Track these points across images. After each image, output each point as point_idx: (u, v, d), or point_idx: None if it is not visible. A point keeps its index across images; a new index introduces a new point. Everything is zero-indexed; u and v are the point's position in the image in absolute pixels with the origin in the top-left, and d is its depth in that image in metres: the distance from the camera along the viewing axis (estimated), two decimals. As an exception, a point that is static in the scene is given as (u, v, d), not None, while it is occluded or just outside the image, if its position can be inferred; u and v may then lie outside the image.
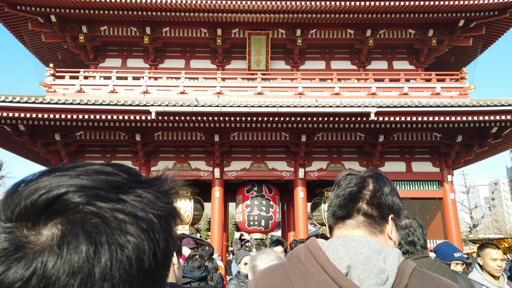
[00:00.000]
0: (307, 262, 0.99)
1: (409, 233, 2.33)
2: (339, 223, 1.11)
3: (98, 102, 11.88)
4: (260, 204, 15.05)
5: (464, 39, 15.32)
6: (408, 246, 2.30)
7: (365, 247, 0.98)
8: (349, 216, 1.09)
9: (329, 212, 1.14)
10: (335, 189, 1.14)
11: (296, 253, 1.06)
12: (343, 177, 1.16)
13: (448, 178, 14.53)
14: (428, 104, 11.93)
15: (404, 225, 2.38)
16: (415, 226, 2.37)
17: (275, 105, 11.91)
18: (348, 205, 1.09)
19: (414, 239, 2.32)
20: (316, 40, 15.75)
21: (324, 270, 0.95)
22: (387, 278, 0.94)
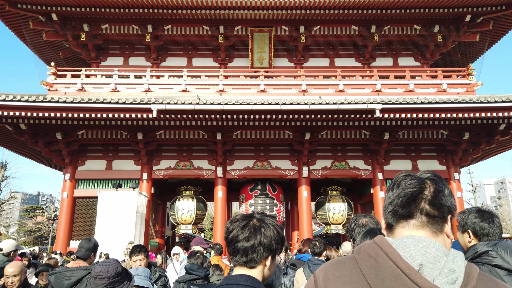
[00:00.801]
0: (378, 258, 1.06)
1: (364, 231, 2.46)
2: (402, 222, 1.17)
3: (100, 100, 11.74)
4: (264, 203, 14.87)
5: (471, 35, 15.04)
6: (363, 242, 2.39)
7: (433, 248, 1.06)
8: (412, 215, 1.15)
9: (390, 211, 1.19)
10: (395, 189, 1.20)
11: (365, 248, 1.12)
12: (402, 178, 1.21)
13: (455, 176, 14.26)
14: (434, 101, 11.68)
15: (361, 223, 2.55)
16: (370, 225, 2.52)
17: (278, 102, 11.71)
18: (410, 205, 1.15)
19: (371, 236, 2.33)
20: (320, 37, 15.52)
21: (397, 266, 1.02)
22: (457, 278, 1.02)
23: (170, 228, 17.83)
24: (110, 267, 2.45)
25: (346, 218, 14.75)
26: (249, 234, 1.48)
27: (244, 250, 1.48)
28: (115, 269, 2.46)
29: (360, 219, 2.63)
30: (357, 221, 2.63)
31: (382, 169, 14.38)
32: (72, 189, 13.98)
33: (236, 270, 1.50)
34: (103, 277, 2.41)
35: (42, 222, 41.68)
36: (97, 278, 2.40)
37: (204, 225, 40.36)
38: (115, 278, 2.43)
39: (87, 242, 3.93)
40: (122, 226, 11.96)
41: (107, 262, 2.53)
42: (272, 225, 1.53)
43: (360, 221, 2.61)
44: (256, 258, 1.48)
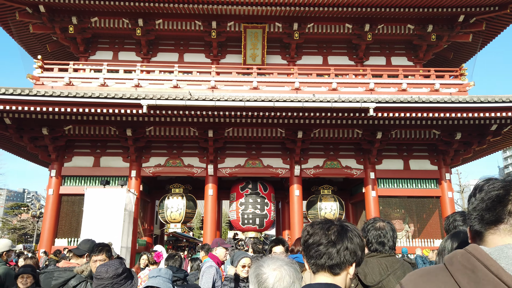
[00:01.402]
0: (476, 270, 0.99)
1: (380, 234, 2.59)
2: (492, 229, 1.09)
3: (87, 94, 11.40)
4: (254, 202, 14.68)
5: (464, 35, 15.06)
6: (378, 245, 2.56)
7: None
8: (501, 220, 1.08)
9: (475, 217, 1.13)
10: (477, 194, 1.14)
11: (458, 258, 1.05)
12: (484, 182, 1.16)
13: (446, 176, 14.27)
14: (428, 100, 11.62)
15: (378, 226, 2.64)
16: (387, 229, 2.61)
17: (271, 100, 11.52)
18: (497, 208, 1.09)
19: (384, 240, 2.57)
20: (314, 35, 15.38)
21: (501, 280, 0.94)
22: None
23: (159, 226, 17.54)
24: (110, 267, 2.44)
25: (337, 217, 14.60)
26: (336, 238, 1.41)
27: (330, 254, 1.40)
28: (115, 270, 2.45)
29: (378, 222, 2.70)
30: (374, 224, 2.69)
31: (374, 168, 14.31)
32: (58, 186, 13.60)
33: (318, 277, 1.41)
34: (102, 277, 2.40)
35: (27, 220, 40.86)
36: (97, 278, 2.40)
37: (193, 224, 40.02)
38: (114, 279, 2.41)
39: (86, 242, 3.95)
40: (109, 224, 11.64)
41: (109, 262, 2.52)
42: (356, 232, 1.48)
43: (377, 224, 2.70)
44: (341, 263, 1.41)
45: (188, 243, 30.25)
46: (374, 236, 2.64)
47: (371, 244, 2.64)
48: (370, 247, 2.67)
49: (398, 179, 14.39)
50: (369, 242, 2.66)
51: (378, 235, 2.63)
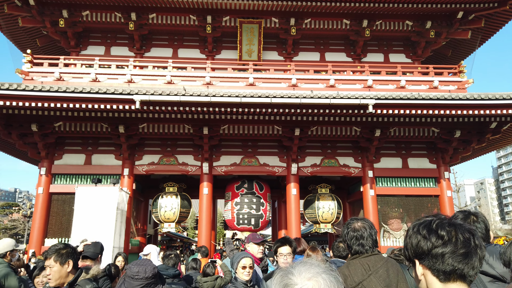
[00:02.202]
0: None
1: (357, 236, 2.53)
2: None
3: (78, 90, 11.01)
4: (250, 202, 14.38)
5: (463, 32, 14.86)
6: (357, 247, 2.52)
7: None
8: None
9: None
10: None
11: None
12: None
13: (445, 175, 14.07)
14: (428, 97, 11.38)
15: (354, 228, 2.57)
16: (363, 230, 2.56)
17: (268, 96, 11.21)
18: None
19: (362, 241, 2.53)
20: (311, 30, 15.09)
21: None
22: None
23: (152, 226, 17.17)
24: (147, 267, 2.40)
25: (335, 216, 14.39)
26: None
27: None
28: (152, 270, 2.42)
29: (354, 224, 2.63)
30: (350, 225, 2.63)
31: (372, 167, 14.06)
32: (48, 184, 13.18)
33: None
34: (141, 277, 2.36)
35: (18, 220, 40.23)
36: (134, 278, 2.35)
37: (187, 224, 39.59)
38: (152, 279, 2.39)
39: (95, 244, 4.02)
40: (101, 224, 11.26)
41: (144, 262, 2.46)
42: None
43: (353, 225, 2.62)
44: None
45: (182, 243, 29.87)
46: (352, 238, 2.60)
47: (350, 247, 2.60)
48: (350, 250, 2.62)
49: (396, 177, 14.16)
50: (349, 246, 2.61)
51: (355, 237, 2.58)
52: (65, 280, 2.78)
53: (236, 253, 3.37)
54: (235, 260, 3.23)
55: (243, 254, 3.31)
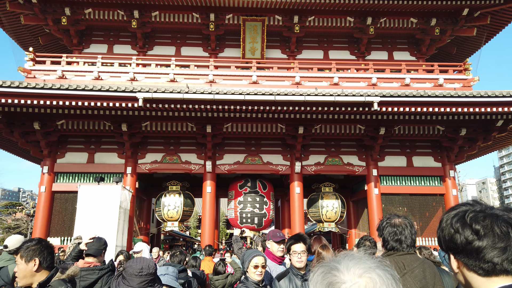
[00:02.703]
0: None
1: (397, 231, 2.46)
2: None
3: (81, 87, 10.93)
4: (253, 200, 14.28)
5: (468, 29, 14.72)
6: (394, 243, 2.44)
7: None
8: None
9: None
10: None
11: None
12: None
13: (450, 173, 13.93)
14: (434, 94, 11.25)
15: (394, 223, 2.50)
16: (404, 226, 2.48)
17: (272, 93, 11.11)
18: None
19: (401, 237, 2.45)
20: (314, 28, 14.98)
21: None
22: None
23: (155, 225, 17.09)
24: (150, 263, 2.35)
25: (339, 215, 14.28)
26: None
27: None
28: (154, 265, 2.38)
29: (394, 219, 2.52)
30: (390, 221, 2.52)
31: (376, 165, 13.94)
32: (50, 183, 13.12)
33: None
34: (145, 273, 2.30)
35: (21, 219, 40.25)
36: (138, 275, 2.28)
37: (190, 223, 39.51)
38: (155, 275, 2.36)
39: (98, 240, 3.98)
40: (104, 223, 11.19)
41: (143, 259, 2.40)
42: None
43: (393, 220, 2.52)
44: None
45: (185, 242, 29.82)
46: (390, 233, 2.49)
47: (387, 242, 2.49)
48: (386, 245, 2.50)
49: (401, 176, 14.03)
50: (385, 241, 2.50)
51: (394, 233, 2.48)
52: (32, 280, 2.48)
53: (247, 250, 3.22)
54: (246, 259, 3.04)
55: (255, 252, 3.11)
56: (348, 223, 15.96)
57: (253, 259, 3.05)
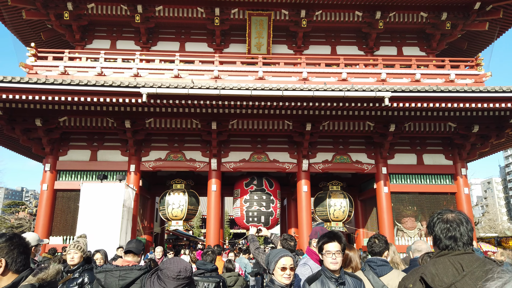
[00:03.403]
0: None
1: (450, 228, 2.16)
2: None
3: (83, 82, 10.65)
4: (260, 199, 13.97)
5: (480, 23, 14.33)
6: (448, 241, 2.16)
7: None
8: None
9: None
10: None
11: None
12: None
13: (462, 171, 13.56)
14: (447, 89, 10.89)
15: (446, 219, 2.20)
16: (459, 221, 2.18)
17: (280, 88, 10.78)
18: None
19: (455, 234, 2.15)
20: (322, 23, 14.63)
21: None
22: None
23: (159, 224, 16.81)
24: (187, 266, 2.29)
25: (347, 215, 13.93)
26: None
27: None
28: (191, 267, 2.31)
29: (446, 214, 2.21)
30: (442, 216, 2.20)
31: (386, 163, 13.59)
32: (52, 181, 12.85)
33: None
34: (183, 277, 2.25)
35: (23, 218, 40.13)
36: (176, 278, 2.22)
37: (193, 222, 39.21)
38: (191, 278, 2.30)
39: (138, 240, 4.06)
40: (107, 222, 10.91)
41: (180, 261, 2.32)
42: None
43: (445, 216, 2.21)
44: None
45: (188, 242, 29.55)
46: (443, 230, 2.17)
47: (439, 240, 2.17)
48: (438, 244, 2.16)
49: (411, 174, 13.67)
50: (436, 239, 2.17)
51: (447, 229, 2.16)
52: None
53: (272, 250, 2.86)
54: (272, 259, 2.67)
55: (282, 251, 2.72)
56: (356, 222, 15.62)
57: (280, 259, 2.68)
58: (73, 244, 4.32)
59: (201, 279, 4.50)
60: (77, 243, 4.31)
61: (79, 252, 4.22)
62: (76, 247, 4.25)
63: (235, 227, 39.99)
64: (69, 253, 4.21)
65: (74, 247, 4.25)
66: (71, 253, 4.21)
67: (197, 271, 4.76)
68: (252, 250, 3.97)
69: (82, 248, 4.27)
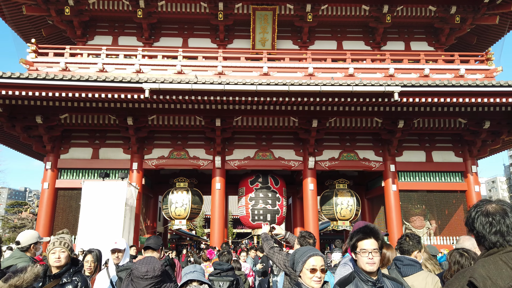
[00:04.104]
0: None
1: (493, 222, 1.78)
2: None
3: (84, 78, 10.37)
4: (265, 196, 13.68)
5: (490, 17, 13.97)
6: (494, 237, 1.77)
7: None
8: None
9: None
10: None
11: None
12: None
13: (472, 169, 13.23)
14: (458, 84, 10.55)
15: (487, 211, 1.80)
16: (502, 213, 1.79)
17: (286, 83, 10.47)
18: None
19: (501, 228, 1.77)
20: (328, 17, 14.30)
21: None
22: None
23: (162, 223, 16.54)
24: (156, 265, 2.31)
25: (354, 213, 13.61)
26: None
27: None
28: (160, 267, 2.33)
29: (486, 205, 1.82)
30: (482, 208, 1.81)
31: (394, 160, 13.26)
32: (53, 179, 12.59)
33: None
34: (150, 276, 2.27)
35: (26, 218, 40.00)
36: (144, 278, 2.26)
37: (196, 222, 38.90)
38: (160, 277, 2.30)
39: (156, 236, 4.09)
40: (109, 220, 10.64)
41: (150, 260, 2.36)
42: None
43: (486, 207, 1.81)
44: None
45: (191, 241, 29.27)
46: (485, 225, 1.80)
47: (483, 238, 1.79)
48: (484, 242, 1.79)
49: (420, 172, 13.34)
50: (480, 237, 1.81)
51: (490, 223, 1.80)
52: None
53: (299, 248, 2.42)
54: (299, 259, 2.26)
55: (311, 250, 2.28)
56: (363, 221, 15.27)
57: (309, 259, 2.25)
58: (58, 240, 3.35)
59: (216, 278, 4.67)
60: (62, 240, 3.36)
61: (67, 250, 3.31)
62: (62, 244, 3.31)
63: (238, 227, 39.70)
64: (53, 252, 3.26)
65: (60, 244, 3.31)
66: (57, 252, 3.26)
67: (214, 272, 4.95)
68: (266, 249, 3.60)
69: (69, 246, 3.37)
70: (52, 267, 3.26)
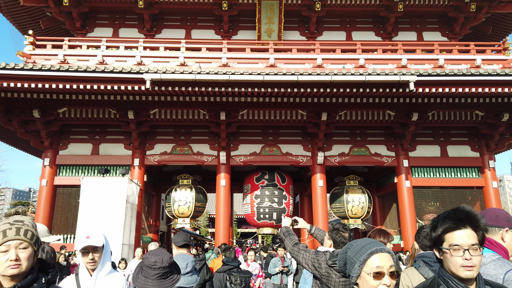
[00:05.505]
0: None
1: None
2: None
3: (82, 68, 9.86)
4: (271, 194, 13.12)
5: (507, 5, 13.36)
6: None
7: None
8: None
9: None
10: None
11: None
12: None
13: (490, 164, 12.59)
14: (477, 73, 9.95)
15: None
16: None
17: (295, 73, 9.91)
18: None
19: None
20: (336, 7, 13.74)
21: None
22: None
23: (165, 222, 16.00)
24: (164, 257, 2.39)
25: (366, 211, 13.02)
26: None
27: None
28: (169, 259, 2.41)
29: None
30: None
31: (407, 155, 12.65)
32: (52, 176, 12.09)
33: None
34: (158, 267, 2.33)
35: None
36: (152, 268, 2.35)
37: (199, 221, 38.38)
38: (168, 269, 2.39)
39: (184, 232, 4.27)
40: (109, 219, 10.14)
41: (160, 252, 2.42)
42: None
43: None
44: None
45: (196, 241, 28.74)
46: None
47: None
48: None
49: (434, 167, 12.73)
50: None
51: None
52: None
53: (355, 242, 1.62)
54: (356, 258, 1.52)
55: (373, 244, 1.53)
56: (373, 219, 14.69)
57: (370, 258, 1.50)
58: (12, 227, 1.69)
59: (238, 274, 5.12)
60: (21, 226, 1.71)
61: (31, 246, 1.71)
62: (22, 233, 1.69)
63: (242, 226, 39.15)
64: (5, 250, 1.66)
65: (17, 233, 1.67)
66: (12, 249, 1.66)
67: (226, 267, 5.17)
68: (289, 246, 2.97)
69: (34, 237, 1.74)
70: (1, 277, 1.67)
